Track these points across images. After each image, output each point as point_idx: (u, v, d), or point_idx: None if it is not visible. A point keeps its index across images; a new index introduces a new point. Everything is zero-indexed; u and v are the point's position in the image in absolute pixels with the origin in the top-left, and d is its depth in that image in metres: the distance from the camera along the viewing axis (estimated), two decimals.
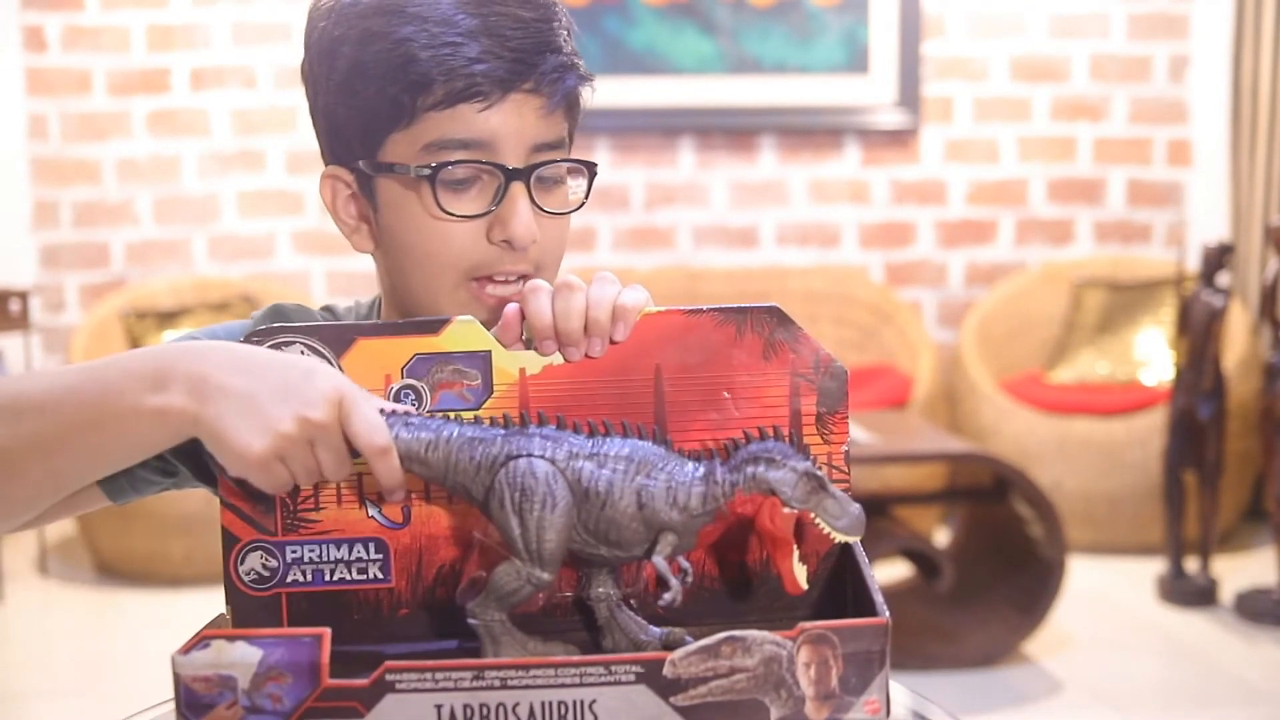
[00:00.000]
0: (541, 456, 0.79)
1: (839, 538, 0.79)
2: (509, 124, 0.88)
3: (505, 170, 0.88)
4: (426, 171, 0.88)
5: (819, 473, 0.79)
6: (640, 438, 0.80)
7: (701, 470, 0.79)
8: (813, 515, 0.78)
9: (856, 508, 0.79)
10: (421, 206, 0.89)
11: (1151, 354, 3.88)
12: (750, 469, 0.79)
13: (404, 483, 0.79)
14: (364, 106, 0.89)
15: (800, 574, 0.81)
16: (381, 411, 0.79)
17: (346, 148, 0.92)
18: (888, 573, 3.23)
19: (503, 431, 0.80)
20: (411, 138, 0.88)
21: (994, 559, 3.12)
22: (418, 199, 0.89)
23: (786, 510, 0.79)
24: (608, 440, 0.80)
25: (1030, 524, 2.98)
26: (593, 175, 0.93)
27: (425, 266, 0.90)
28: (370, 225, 0.94)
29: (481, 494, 0.79)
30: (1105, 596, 3.35)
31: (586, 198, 0.93)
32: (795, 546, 0.80)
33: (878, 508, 3.08)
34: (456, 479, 0.79)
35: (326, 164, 0.95)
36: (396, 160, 0.89)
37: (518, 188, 0.89)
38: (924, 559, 2.98)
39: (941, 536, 3.58)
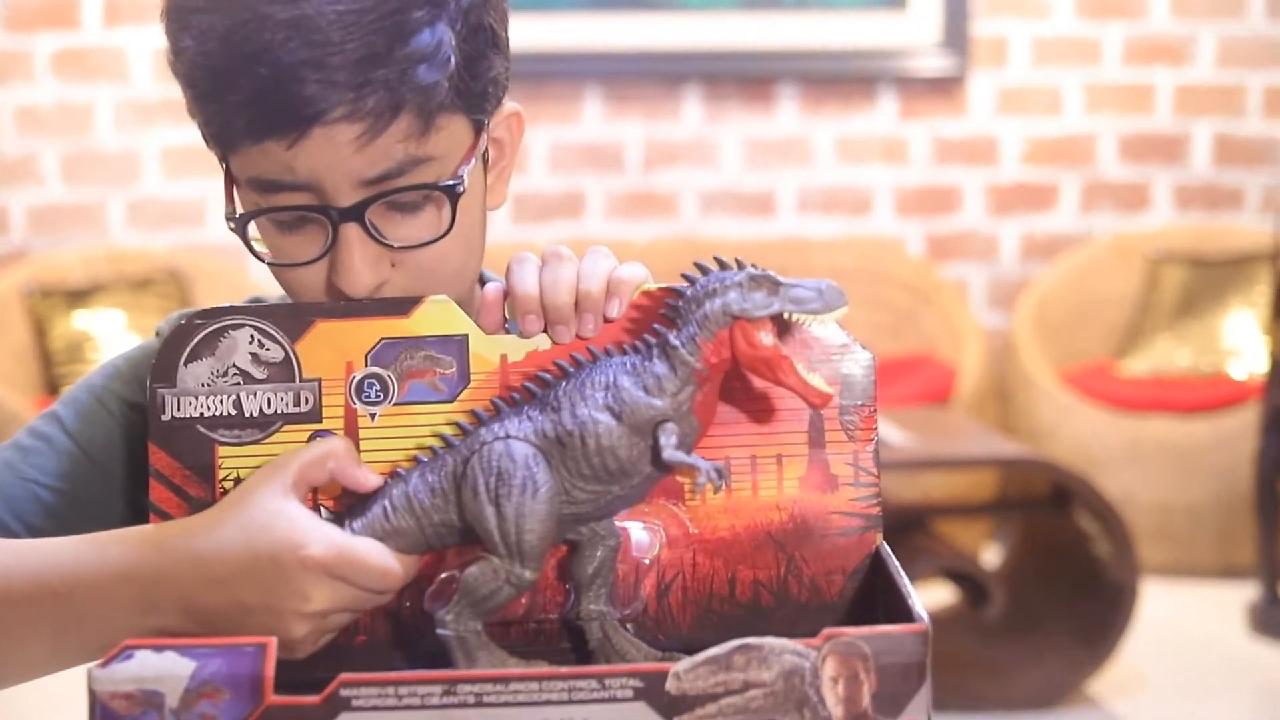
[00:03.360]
0: (519, 438, 0.81)
1: (826, 319, 0.82)
2: (321, 161, 0.83)
3: (329, 212, 0.85)
4: (231, 226, 0.88)
5: (762, 271, 0.81)
6: (579, 367, 0.83)
7: (654, 349, 0.82)
8: (786, 315, 0.81)
9: (825, 281, 0.81)
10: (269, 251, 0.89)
11: (1242, 341, 3.89)
12: (698, 313, 0.82)
13: (396, 566, 0.81)
14: (197, 121, 0.88)
15: (816, 381, 0.82)
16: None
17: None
18: (928, 598, 3.24)
19: (457, 442, 0.83)
20: (240, 165, 0.87)
21: (1052, 582, 3.14)
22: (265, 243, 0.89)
23: (757, 325, 0.81)
24: (551, 390, 0.83)
25: (1096, 541, 2.99)
26: (454, 200, 0.88)
27: (293, 299, 0.91)
28: None
29: (459, 512, 0.82)
30: (1185, 627, 3.37)
31: (451, 226, 0.88)
32: (792, 358, 0.82)
33: (916, 521, 3.10)
34: (434, 522, 0.82)
35: None
36: (238, 184, 0.88)
37: (348, 231, 0.85)
38: (970, 582, 2.99)
39: (991, 556, 3.60)
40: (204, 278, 3.96)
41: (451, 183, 0.87)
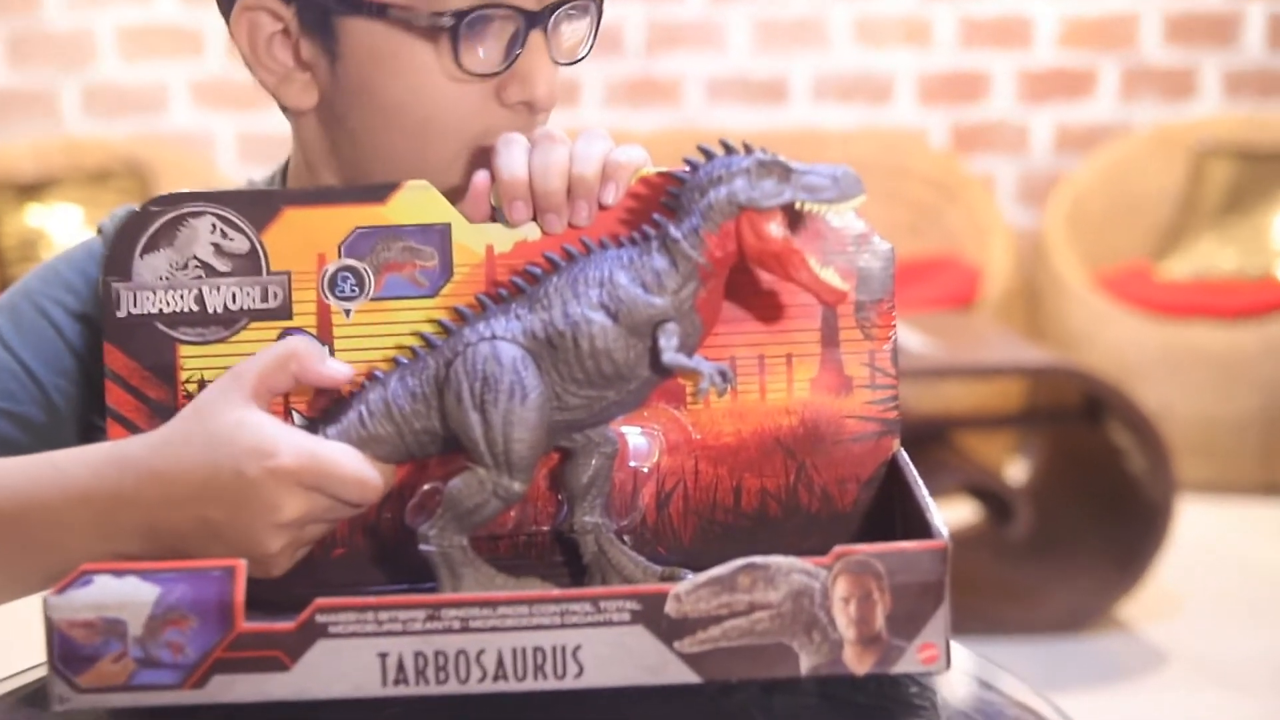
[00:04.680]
0: (506, 339, 0.81)
1: (841, 209, 0.81)
2: None
3: (526, 15, 0.88)
4: (449, 22, 0.87)
5: (772, 156, 0.81)
6: (571, 259, 0.83)
7: (654, 241, 0.82)
8: (798, 205, 0.81)
9: (840, 167, 0.81)
10: (426, 61, 0.88)
11: None
12: (701, 203, 0.81)
13: (373, 475, 0.81)
14: None
15: (830, 276, 0.82)
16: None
17: None
18: (949, 516, 3.24)
19: (440, 343, 0.83)
20: None
21: (1082, 500, 3.16)
22: (422, 51, 0.88)
23: (766, 215, 0.81)
24: (541, 285, 0.82)
25: (1130, 456, 3.00)
26: (600, 15, 0.93)
27: (419, 134, 0.90)
28: (314, 74, 0.92)
29: (442, 419, 0.82)
30: (1223, 548, 3.39)
31: (594, 42, 0.93)
32: (804, 251, 0.82)
33: (936, 434, 3.12)
34: (414, 429, 0.82)
35: None
36: (380, 9, 0.88)
37: (537, 37, 0.89)
38: (994, 499, 3.01)
39: (1017, 471, 3.62)
40: (166, 169, 3.95)
41: None
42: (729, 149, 0.82)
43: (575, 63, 0.93)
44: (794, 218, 0.82)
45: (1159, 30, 4.23)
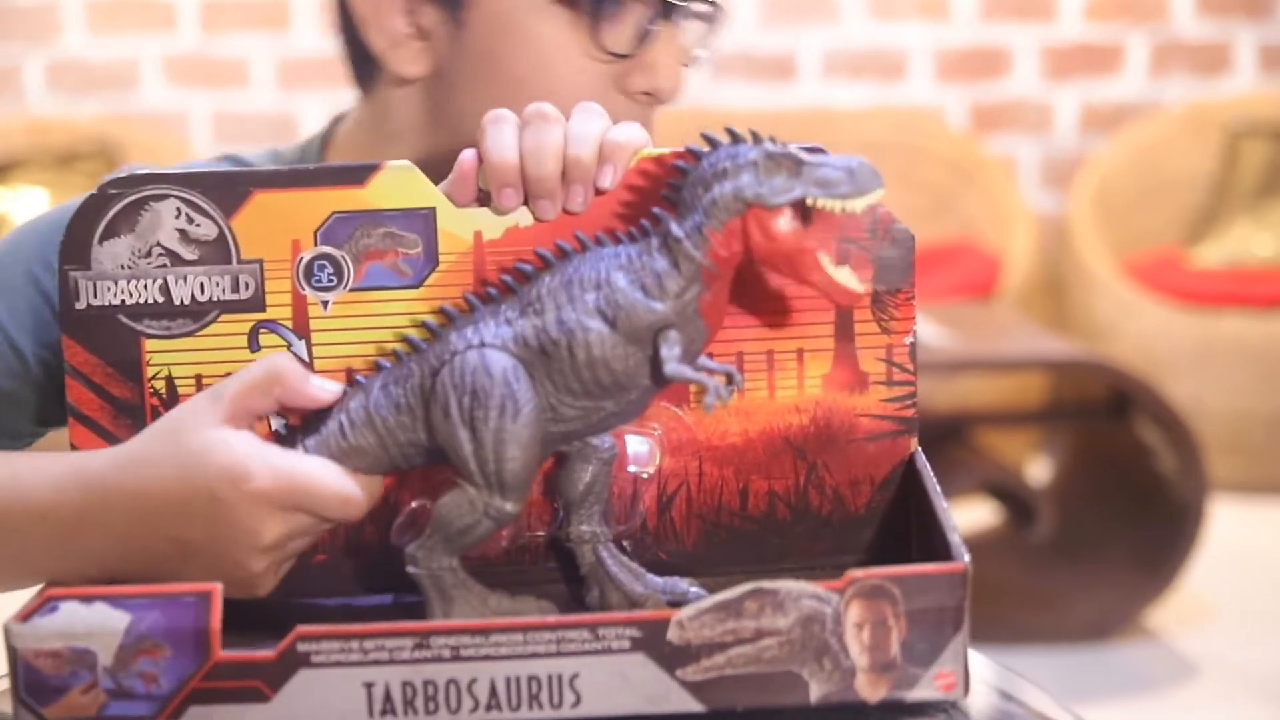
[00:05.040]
0: (496, 346, 0.80)
1: (857, 206, 0.79)
2: None
3: (663, 2, 0.93)
4: None
5: (782, 147, 0.79)
6: (565, 256, 0.81)
7: (654, 239, 0.81)
8: (810, 201, 0.79)
9: (856, 158, 0.79)
10: (558, 36, 0.93)
11: None
12: (705, 199, 0.80)
13: (356, 491, 0.80)
14: None
15: (845, 277, 0.81)
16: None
17: None
18: (967, 517, 3.26)
19: (425, 346, 0.82)
20: None
21: (1109, 500, 3.16)
22: (556, 25, 0.93)
23: (774, 212, 0.79)
24: (533, 286, 0.81)
25: (1159, 454, 3.01)
26: (722, 22, 0.98)
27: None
28: (430, 42, 0.95)
29: (429, 432, 0.81)
30: (1258, 552, 3.40)
31: (703, 53, 0.98)
32: (816, 250, 0.80)
33: (953, 431, 3.12)
34: (399, 441, 0.81)
35: None
36: None
37: (667, 29, 0.94)
38: (1015, 499, 3.01)
39: (1039, 470, 3.62)
40: (137, 150, 3.95)
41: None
42: (735, 137, 0.81)
43: (688, 65, 0.97)
44: (805, 210, 0.81)
45: (1191, 2, 4.23)
